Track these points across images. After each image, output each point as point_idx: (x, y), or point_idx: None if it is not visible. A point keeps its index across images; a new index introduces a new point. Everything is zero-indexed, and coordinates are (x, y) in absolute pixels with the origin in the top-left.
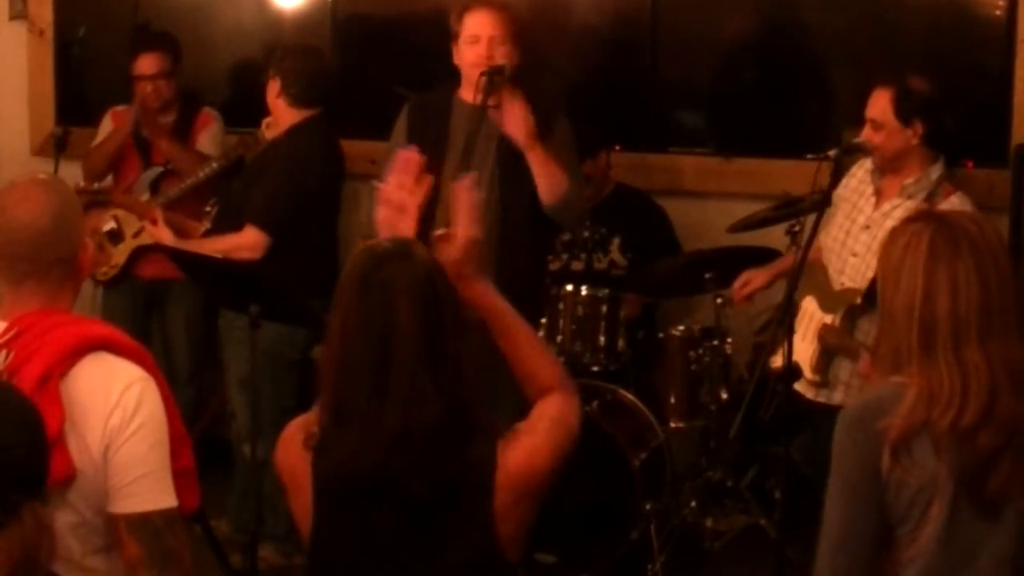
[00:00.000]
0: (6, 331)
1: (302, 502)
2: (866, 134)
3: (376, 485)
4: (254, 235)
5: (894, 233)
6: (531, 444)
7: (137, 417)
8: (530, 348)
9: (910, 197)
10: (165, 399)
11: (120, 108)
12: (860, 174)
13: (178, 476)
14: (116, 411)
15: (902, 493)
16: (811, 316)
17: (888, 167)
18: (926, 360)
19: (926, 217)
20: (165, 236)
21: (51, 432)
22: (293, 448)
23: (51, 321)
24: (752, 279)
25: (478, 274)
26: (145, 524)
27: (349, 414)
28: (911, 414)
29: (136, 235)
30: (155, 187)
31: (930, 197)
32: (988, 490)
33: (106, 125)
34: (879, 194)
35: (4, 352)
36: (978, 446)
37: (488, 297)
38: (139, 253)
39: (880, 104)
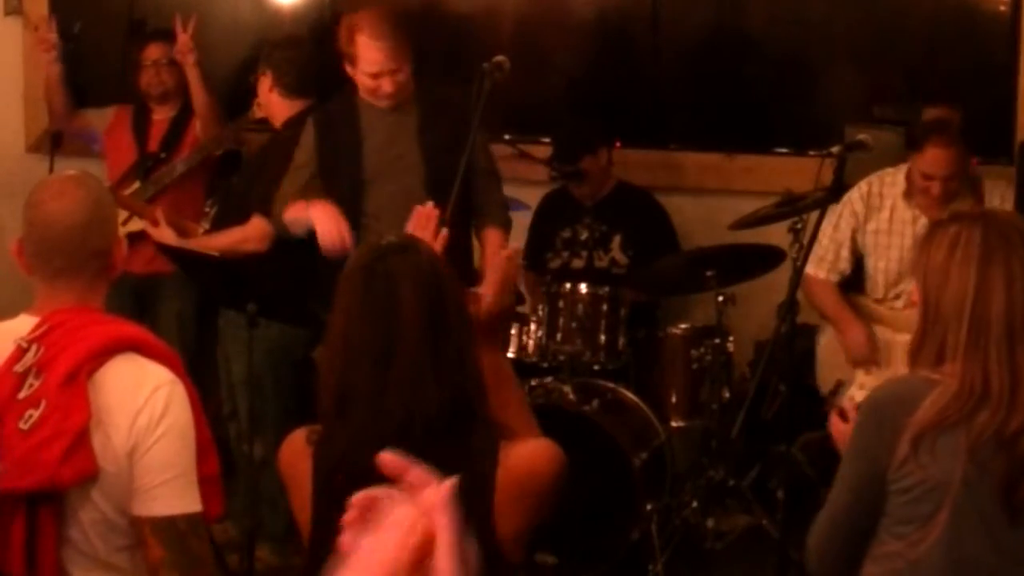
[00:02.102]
0: (37, 327)
1: (302, 496)
2: (936, 188)
3: (377, 476)
4: (261, 225)
5: (933, 234)
6: (534, 446)
7: (165, 420)
8: (522, 417)
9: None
10: (193, 403)
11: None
12: (884, 204)
13: (202, 483)
14: (143, 413)
15: (911, 490)
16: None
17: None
18: (972, 358)
19: (970, 216)
20: (167, 237)
21: (76, 428)
22: (297, 444)
23: (83, 319)
24: (858, 344)
25: (494, 340)
26: (170, 527)
27: (351, 405)
28: (944, 410)
29: (124, 223)
30: (146, 175)
31: (972, 186)
32: (1018, 497)
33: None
34: (926, 210)
35: (35, 347)
36: (1018, 452)
37: (496, 365)
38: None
39: (951, 162)
